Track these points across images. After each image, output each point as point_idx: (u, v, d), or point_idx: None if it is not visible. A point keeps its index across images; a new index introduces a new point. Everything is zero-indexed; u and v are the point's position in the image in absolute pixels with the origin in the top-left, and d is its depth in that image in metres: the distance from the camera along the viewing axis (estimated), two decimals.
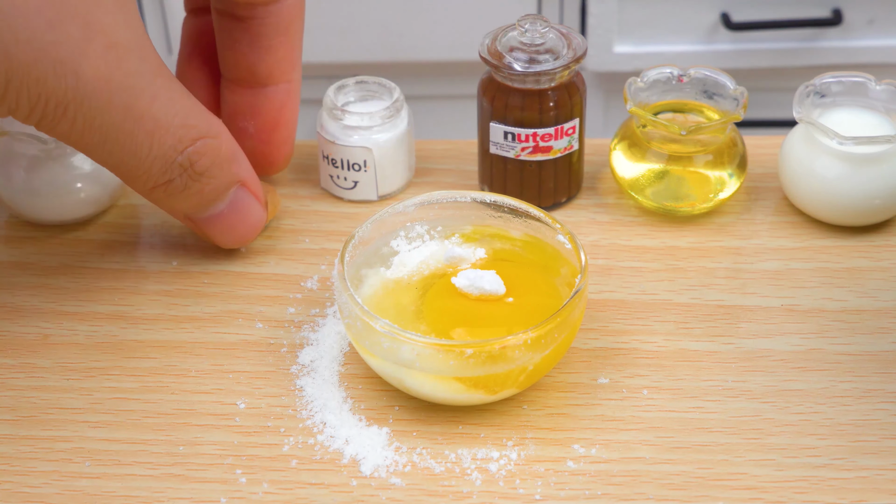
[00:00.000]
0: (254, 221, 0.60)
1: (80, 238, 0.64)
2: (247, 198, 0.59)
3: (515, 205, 0.57)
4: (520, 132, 0.62)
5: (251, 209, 0.59)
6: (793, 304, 0.59)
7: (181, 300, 0.60)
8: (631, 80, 0.63)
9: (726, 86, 0.63)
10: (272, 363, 0.57)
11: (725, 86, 0.63)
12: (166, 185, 0.56)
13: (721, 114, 0.63)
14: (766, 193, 0.65)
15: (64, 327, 0.59)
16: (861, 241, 0.62)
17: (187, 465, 0.53)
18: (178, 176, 0.56)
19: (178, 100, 0.54)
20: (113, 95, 0.52)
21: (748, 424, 0.54)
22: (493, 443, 0.53)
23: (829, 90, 0.63)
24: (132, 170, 0.55)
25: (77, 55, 0.50)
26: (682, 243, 0.63)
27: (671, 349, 0.57)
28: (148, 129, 0.53)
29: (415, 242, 0.58)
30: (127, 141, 0.53)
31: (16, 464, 0.53)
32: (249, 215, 0.59)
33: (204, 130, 0.55)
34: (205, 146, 0.55)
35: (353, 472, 0.52)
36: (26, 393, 0.56)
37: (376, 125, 0.64)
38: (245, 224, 0.60)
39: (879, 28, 1.24)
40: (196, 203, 0.57)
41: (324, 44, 1.21)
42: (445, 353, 0.51)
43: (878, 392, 0.55)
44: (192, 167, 0.55)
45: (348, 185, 0.65)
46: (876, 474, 0.52)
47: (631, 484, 0.51)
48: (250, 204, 0.59)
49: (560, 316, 0.52)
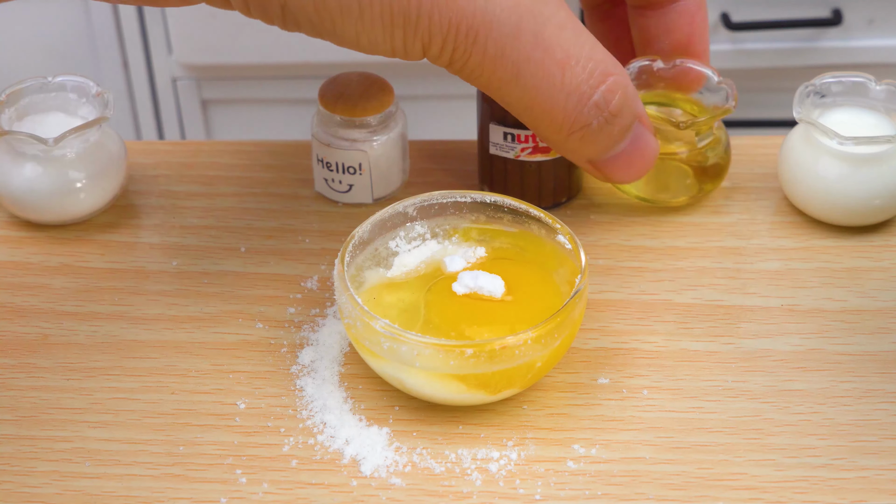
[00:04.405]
0: (650, 154, 0.58)
1: (80, 238, 0.64)
2: (643, 132, 0.57)
3: (515, 205, 0.57)
4: (519, 133, 0.62)
5: (648, 143, 0.57)
6: (793, 304, 0.59)
7: (181, 300, 0.60)
8: None
9: (711, 78, 0.63)
10: (272, 363, 0.57)
11: (710, 78, 0.63)
12: (583, 130, 0.54)
13: (711, 107, 0.63)
14: (766, 193, 0.65)
15: (64, 327, 0.59)
16: (861, 241, 0.62)
17: (187, 465, 0.53)
18: (594, 118, 0.53)
19: (583, 32, 0.52)
20: (522, 21, 0.50)
21: (748, 424, 0.54)
22: (493, 443, 0.53)
23: (829, 90, 0.63)
24: (547, 109, 0.52)
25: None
26: (682, 243, 0.63)
27: (671, 349, 0.57)
28: (558, 60, 0.51)
29: (414, 242, 0.58)
30: (538, 73, 0.51)
31: (16, 464, 0.53)
32: (647, 149, 0.57)
33: (611, 67, 0.53)
34: (616, 84, 0.53)
35: (353, 472, 0.52)
36: (26, 393, 0.56)
37: (372, 128, 0.64)
38: (643, 158, 0.57)
39: (879, 28, 1.24)
40: (605, 145, 0.55)
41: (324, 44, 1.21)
42: (445, 353, 0.51)
43: (878, 392, 0.55)
44: (607, 107, 0.53)
45: (343, 188, 0.65)
46: (876, 474, 0.52)
47: (631, 484, 0.51)
48: (647, 138, 0.57)
49: (560, 316, 0.52)
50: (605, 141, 0.55)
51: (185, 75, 1.27)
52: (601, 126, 0.54)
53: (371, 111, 0.63)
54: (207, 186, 0.67)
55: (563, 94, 0.52)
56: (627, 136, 0.56)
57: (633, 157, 0.57)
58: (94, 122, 0.62)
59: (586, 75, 0.52)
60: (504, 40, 0.50)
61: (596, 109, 0.53)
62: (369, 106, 0.63)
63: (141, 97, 1.30)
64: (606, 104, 0.53)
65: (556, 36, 0.51)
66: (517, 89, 0.51)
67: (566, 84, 0.52)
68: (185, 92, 1.29)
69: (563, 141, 0.54)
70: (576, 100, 0.52)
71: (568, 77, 0.52)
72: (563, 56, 0.51)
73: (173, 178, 0.67)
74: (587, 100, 0.53)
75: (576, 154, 0.56)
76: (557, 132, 0.54)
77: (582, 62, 0.52)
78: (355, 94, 0.64)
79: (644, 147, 0.57)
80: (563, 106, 0.52)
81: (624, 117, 0.55)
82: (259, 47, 1.22)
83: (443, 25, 0.49)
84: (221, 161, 0.68)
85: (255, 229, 0.64)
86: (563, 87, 0.52)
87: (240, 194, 0.66)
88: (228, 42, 1.21)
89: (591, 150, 0.55)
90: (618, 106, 0.54)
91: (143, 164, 0.68)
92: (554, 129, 0.54)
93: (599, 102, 0.53)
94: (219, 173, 0.67)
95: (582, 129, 0.54)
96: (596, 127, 0.54)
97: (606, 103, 0.53)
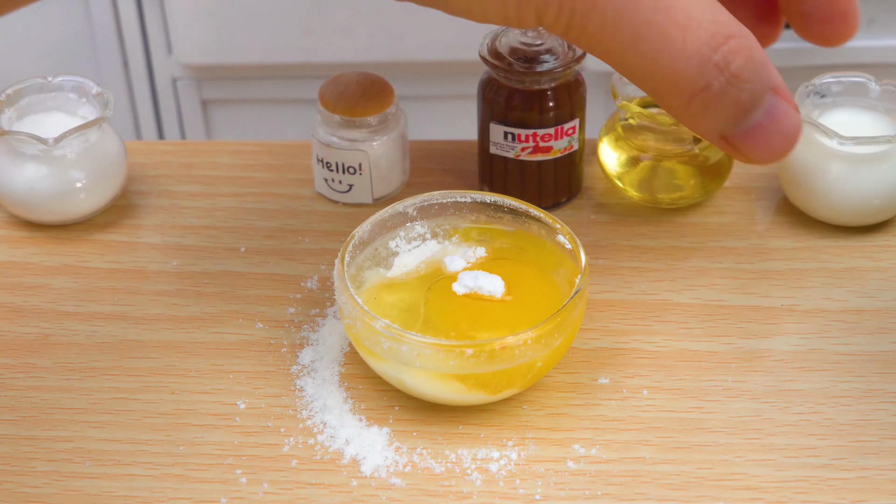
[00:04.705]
0: (791, 130, 0.54)
1: (80, 238, 0.64)
2: (782, 105, 0.53)
3: (515, 205, 0.57)
4: (520, 132, 0.62)
5: (789, 117, 0.54)
6: (793, 304, 0.59)
7: (181, 300, 0.60)
8: (618, 75, 0.63)
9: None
10: (272, 363, 0.57)
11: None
12: (704, 92, 0.51)
13: None
14: (766, 193, 0.65)
15: (64, 327, 0.59)
16: (861, 241, 0.62)
17: (187, 465, 0.53)
18: (714, 79, 0.51)
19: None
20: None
21: (748, 424, 0.54)
22: (493, 443, 0.53)
23: (829, 90, 0.63)
24: (668, 74, 0.51)
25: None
26: (682, 243, 0.63)
27: (671, 349, 0.57)
28: (680, 23, 0.50)
29: (414, 242, 0.58)
30: (658, 38, 0.49)
31: (16, 464, 0.53)
32: (787, 124, 0.54)
33: (735, 29, 0.51)
34: (738, 45, 0.51)
35: (353, 472, 0.52)
36: (26, 393, 0.56)
37: (372, 128, 0.64)
38: (783, 135, 0.54)
39: (879, 28, 1.24)
40: (734, 115, 0.53)
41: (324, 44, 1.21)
42: (445, 353, 0.51)
43: (878, 392, 0.55)
44: (727, 67, 0.51)
45: (343, 188, 0.65)
46: (876, 474, 0.52)
47: (631, 484, 0.51)
48: (787, 111, 0.53)
49: (560, 316, 0.52)
50: (730, 108, 0.52)
51: (185, 75, 1.27)
52: (723, 88, 0.51)
53: (371, 111, 0.63)
54: (207, 186, 0.67)
55: (684, 58, 0.50)
56: (759, 106, 0.53)
57: (769, 133, 0.54)
58: (94, 122, 0.62)
59: (707, 37, 0.50)
60: (623, 3, 0.48)
61: (716, 70, 0.51)
62: (369, 106, 0.63)
63: (141, 97, 1.30)
64: (727, 64, 0.51)
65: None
66: (637, 55, 0.50)
67: (687, 47, 0.50)
68: (185, 92, 1.28)
69: (685, 107, 0.52)
70: (697, 62, 0.51)
71: (690, 40, 0.50)
72: (685, 18, 0.50)
73: (173, 178, 0.67)
74: (707, 61, 0.51)
75: (703, 125, 0.53)
76: (678, 96, 0.52)
77: (704, 24, 0.50)
78: (355, 94, 0.64)
79: (782, 121, 0.53)
80: (684, 70, 0.51)
81: (750, 82, 0.52)
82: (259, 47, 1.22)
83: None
84: (221, 161, 0.68)
85: (255, 229, 0.64)
86: (683, 50, 0.50)
87: (240, 194, 0.66)
88: (228, 42, 1.21)
89: (717, 119, 0.53)
90: (740, 67, 0.51)
91: (143, 164, 0.68)
92: (675, 95, 0.52)
93: (720, 63, 0.51)
94: (219, 173, 0.67)
95: (703, 92, 0.51)
96: (717, 89, 0.51)
97: (727, 63, 0.51)
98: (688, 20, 0.50)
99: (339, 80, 0.65)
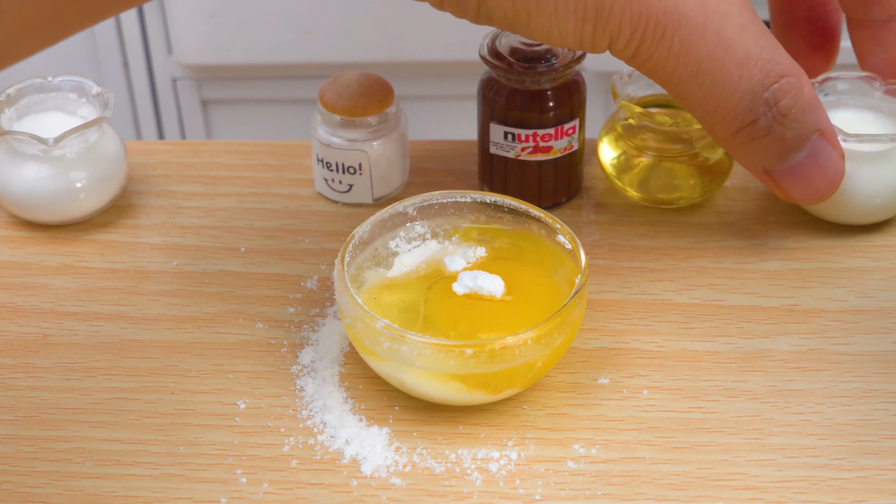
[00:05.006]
0: (833, 175, 0.56)
1: (80, 238, 0.64)
2: (826, 149, 0.55)
3: (515, 205, 0.57)
4: (520, 132, 0.62)
5: (831, 161, 0.56)
6: (793, 304, 0.59)
7: (181, 300, 0.60)
8: (617, 75, 0.63)
9: None
10: (272, 363, 0.57)
11: None
12: (751, 127, 0.53)
13: None
14: (766, 193, 0.65)
15: (64, 327, 0.59)
16: (861, 241, 0.62)
17: (187, 465, 0.53)
18: (762, 115, 0.53)
19: (766, 33, 0.52)
20: (708, 19, 0.50)
21: (748, 424, 0.54)
22: (493, 443, 0.53)
23: (832, 89, 0.63)
24: (720, 107, 0.52)
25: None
26: (682, 243, 0.63)
27: (671, 349, 0.57)
28: (738, 60, 0.51)
29: (414, 242, 0.58)
30: (718, 71, 0.51)
31: (16, 464, 0.53)
32: (829, 168, 0.56)
33: (788, 69, 0.53)
34: (789, 84, 0.53)
35: (353, 472, 0.52)
36: (26, 393, 0.56)
37: (372, 128, 0.64)
38: (825, 178, 0.56)
39: None
40: (777, 151, 0.54)
41: (324, 44, 1.21)
42: (445, 353, 0.51)
43: (878, 392, 0.55)
44: (776, 105, 0.53)
45: (343, 188, 0.65)
46: (876, 474, 0.52)
47: (631, 484, 0.51)
48: (830, 155, 0.55)
49: (560, 316, 0.52)
50: (775, 144, 0.54)
51: (185, 75, 1.27)
52: (769, 125, 0.53)
53: (371, 111, 0.63)
54: (207, 186, 0.67)
55: (737, 94, 0.52)
56: (804, 146, 0.55)
57: (811, 174, 0.55)
58: (94, 122, 0.62)
59: (762, 75, 0.52)
60: (690, 37, 0.50)
61: (765, 105, 0.53)
62: (369, 106, 0.63)
63: (141, 97, 1.30)
64: (776, 101, 0.53)
65: (738, 35, 0.51)
66: (694, 86, 0.52)
67: (742, 84, 0.52)
68: (185, 92, 1.29)
69: (732, 137, 0.54)
70: (749, 99, 0.52)
71: (745, 77, 0.52)
72: (744, 56, 0.51)
73: (173, 178, 0.67)
74: (758, 97, 0.52)
75: (747, 157, 0.55)
76: (726, 128, 0.53)
77: (760, 64, 0.52)
78: (355, 94, 0.64)
79: (825, 164, 0.55)
80: (737, 105, 0.52)
81: (796, 121, 0.54)
82: (259, 47, 1.22)
83: (633, 19, 0.49)
84: (221, 161, 0.68)
85: (255, 229, 0.64)
86: (738, 86, 0.52)
87: (240, 194, 0.66)
88: (228, 42, 1.21)
89: (760, 154, 0.54)
90: (788, 106, 0.53)
91: (143, 164, 0.68)
92: (724, 126, 0.53)
93: (769, 99, 0.53)
94: (219, 173, 0.67)
95: (750, 126, 0.53)
96: (764, 124, 0.53)
97: (776, 100, 0.53)
98: (746, 58, 0.51)
99: (339, 80, 0.65)
